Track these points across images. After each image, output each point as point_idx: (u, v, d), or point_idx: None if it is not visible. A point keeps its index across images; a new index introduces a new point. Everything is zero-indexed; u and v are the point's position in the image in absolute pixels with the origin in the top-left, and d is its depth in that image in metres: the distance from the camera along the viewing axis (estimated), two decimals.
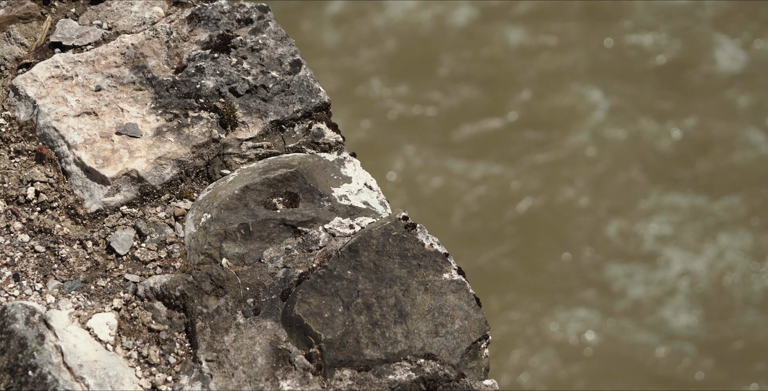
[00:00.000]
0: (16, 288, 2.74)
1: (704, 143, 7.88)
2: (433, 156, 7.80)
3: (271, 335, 2.62)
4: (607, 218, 7.53)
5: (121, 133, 2.94)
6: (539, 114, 8.02)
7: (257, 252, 2.74)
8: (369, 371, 2.57)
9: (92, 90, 3.02)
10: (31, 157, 2.96)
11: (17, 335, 2.54)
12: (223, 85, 3.02)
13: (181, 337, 2.67)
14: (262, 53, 3.09)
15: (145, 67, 3.05)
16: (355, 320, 2.62)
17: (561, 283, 7.30)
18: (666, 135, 7.89)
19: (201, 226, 2.79)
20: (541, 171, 7.70)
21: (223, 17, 3.15)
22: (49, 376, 2.48)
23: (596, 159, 7.77)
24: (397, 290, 2.66)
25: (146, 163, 2.89)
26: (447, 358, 2.60)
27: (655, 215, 7.52)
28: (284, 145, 2.98)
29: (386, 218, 2.79)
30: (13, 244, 2.82)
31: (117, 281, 2.77)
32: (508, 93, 8.10)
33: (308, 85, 3.05)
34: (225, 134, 2.96)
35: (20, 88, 3.03)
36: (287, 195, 2.82)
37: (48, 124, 2.96)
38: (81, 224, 2.86)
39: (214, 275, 2.69)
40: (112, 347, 2.63)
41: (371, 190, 2.88)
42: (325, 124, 3.01)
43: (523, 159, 7.76)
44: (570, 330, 7.10)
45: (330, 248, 2.73)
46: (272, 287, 2.68)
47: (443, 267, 2.70)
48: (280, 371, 2.58)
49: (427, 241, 2.73)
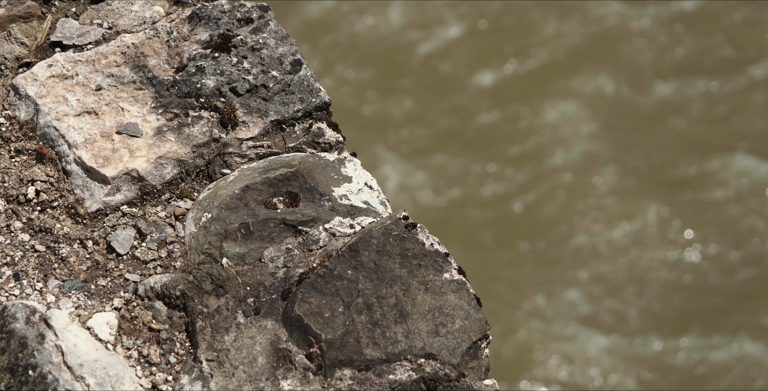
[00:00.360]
0: (16, 287, 2.73)
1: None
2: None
3: (272, 334, 2.62)
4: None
5: (122, 132, 2.94)
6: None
7: (258, 252, 2.74)
8: (369, 371, 2.57)
9: (93, 89, 3.02)
10: (32, 156, 2.96)
11: (17, 335, 2.54)
12: (223, 85, 3.02)
13: (181, 336, 2.67)
14: (262, 53, 3.09)
15: (145, 67, 3.05)
16: (356, 319, 2.62)
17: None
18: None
19: (201, 225, 2.79)
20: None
21: (224, 17, 3.15)
22: (49, 375, 2.48)
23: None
24: (397, 289, 2.66)
25: (147, 162, 2.89)
26: (447, 358, 2.60)
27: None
28: (285, 145, 2.98)
29: (387, 217, 2.79)
30: (13, 243, 2.82)
31: (117, 280, 2.77)
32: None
33: (309, 84, 3.05)
34: (225, 134, 2.96)
35: (21, 88, 3.03)
36: (288, 195, 2.82)
37: (48, 124, 2.95)
38: (81, 224, 2.86)
39: (214, 275, 2.69)
40: (112, 346, 2.63)
41: (372, 190, 2.88)
42: (325, 124, 3.01)
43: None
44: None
45: (330, 248, 2.73)
46: (273, 287, 2.68)
47: (443, 267, 2.70)
48: (280, 371, 2.58)
49: (428, 240, 2.73)
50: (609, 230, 7.50)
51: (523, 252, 7.39)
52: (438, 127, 8.01)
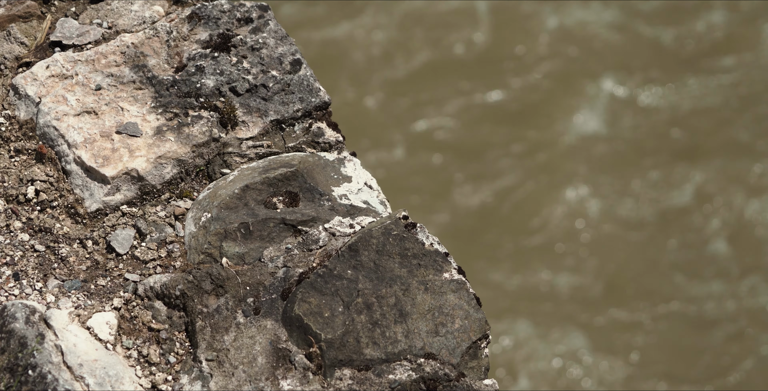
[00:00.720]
0: (16, 287, 2.73)
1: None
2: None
3: (271, 334, 2.62)
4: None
5: (121, 132, 2.94)
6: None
7: (257, 251, 2.74)
8: (369, 371, 2.57)
9: (92, 89, 3.02)
10: (31, 156, 2.96)
11: (17, 335, 2.54)
12: (223, 85, 3.01)
13: (181, 336, 2.67)
14: (262, 52, 3.09)
15: (145, 66, 3.05)
16: (356, 319, 2.62)
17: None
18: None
19: (201, 225, 2.79)
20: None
21: (224, 16, 3.15)
22: (49, 375, 2.48)
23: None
24: (397, 289, 2.66)
25: (146, 162, 2.89)
26: (447, 357, 2.60)
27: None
28: (284, 145, 2.98)
29: (386, 217, 2.79)
30: (13, 243, 2.82)
31: (117, 280, 2.77)
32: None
33: (308, 84, 3.05)
34: (225, 133, 2.96)
35: (20, 87, 3.03)
36: (287, 194, 2.82)
37: (48, 124, 2.95)
38: (81, 223, 2.86)
39: (214, 275, 2.69)
40: (112, 346, 2.63)
41: (371, 190, 2.88)
42: (325, 124, 3.01)
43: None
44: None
45: (330, 248, 2.73)
46: (272, 287, 2.68)
47: (443, 266, 2.70)
48: (280, 371, 2.58)
49: (427, 240, 2.73)
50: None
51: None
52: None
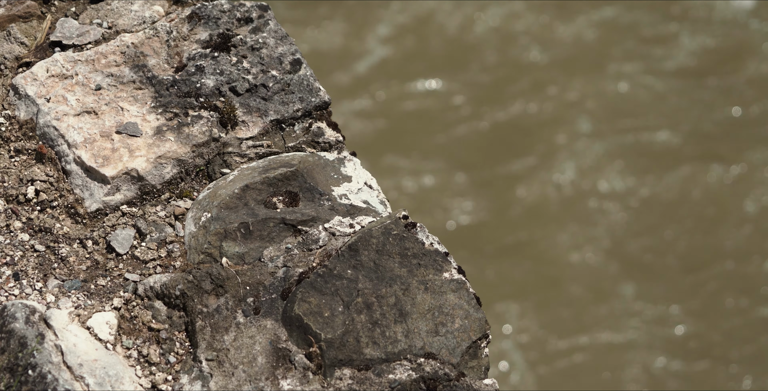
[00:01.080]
0: (16, 287, 2.73)
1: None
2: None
3: (271, 334, 2.62)
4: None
5: (121, 132, 2.94)
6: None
7: (257, 251, 2.74)
8: (369, 371, 2.57)
9: (92, 89, 3.02)
10: (31, 156, 2.96)
11: (17, 334, 2.54)
12: (223, 84, 3.01)
13: (181, 336, 2.67)
14: (262, 52, 3.09)
15: (145, 66, 3.05)
16: (355, 319, 2.62)
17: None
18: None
19: (201, 225, 2.79)
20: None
21: (223, 16, 3.15)
22: (49, 375, 2.48)
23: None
24: (397, 289, 2.66)
25: (146, 162, 2.89)
26: (447, 357, 2.60)
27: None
28: (284, 144, 2.98)
29: (386, 217, 2.79)
30: (13, 243, 2.82)
31: (117, 280, 2.77)
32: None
33: (308, 84, 3.05)
34: (225, 133, 2.96)
35: (20, 87, 3.03)
36: (287, 194, 2.82)
37: (48, 123, 2.95)
38: (81, 223, 2.86)
39: (214, 274, 2.69)
40: (112, 346, 2.63)
41: (371, 190, 2.88)
42: (325, 123, 3.01)
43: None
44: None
45: (330, 247, 2.73)
46: (272, 286, 2.68)
47: (443, 266, 2.70)
48: (280, 371, 2.58)
49: (427, 240, 2.73)
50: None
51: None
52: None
